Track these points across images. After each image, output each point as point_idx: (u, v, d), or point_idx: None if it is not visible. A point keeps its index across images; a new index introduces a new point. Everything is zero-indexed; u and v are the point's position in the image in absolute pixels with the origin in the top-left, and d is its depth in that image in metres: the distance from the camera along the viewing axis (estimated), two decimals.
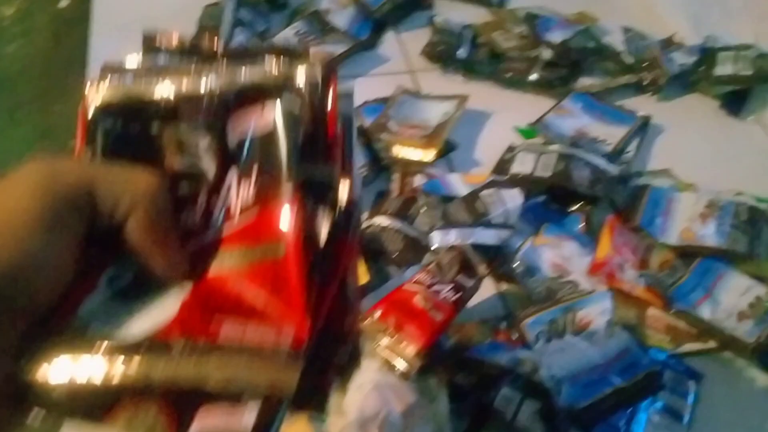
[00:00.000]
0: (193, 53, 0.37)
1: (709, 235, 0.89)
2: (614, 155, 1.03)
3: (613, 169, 0.98)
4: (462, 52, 1.19)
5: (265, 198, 0.34)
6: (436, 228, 0.88)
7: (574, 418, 0.73)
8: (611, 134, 1.07)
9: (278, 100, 0.35)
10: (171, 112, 0.36)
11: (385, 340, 0.75)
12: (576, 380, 0.77)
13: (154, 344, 0.32)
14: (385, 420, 0.70)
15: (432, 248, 0.88)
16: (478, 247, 0.88)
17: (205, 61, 0.37)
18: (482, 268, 0.81)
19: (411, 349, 0.74)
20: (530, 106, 1.14)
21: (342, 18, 1.25)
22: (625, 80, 1.17)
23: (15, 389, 0.32)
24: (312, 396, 0.34)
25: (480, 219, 0.89)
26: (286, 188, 0.33)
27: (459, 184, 0.96)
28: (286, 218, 0.33)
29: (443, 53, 1.19)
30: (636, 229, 0.92)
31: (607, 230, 0.91)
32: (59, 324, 0.33)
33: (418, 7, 1.32)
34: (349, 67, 1.20)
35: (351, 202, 0.35)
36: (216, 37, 0.36)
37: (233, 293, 0.33)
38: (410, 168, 1.00)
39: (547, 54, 1.17)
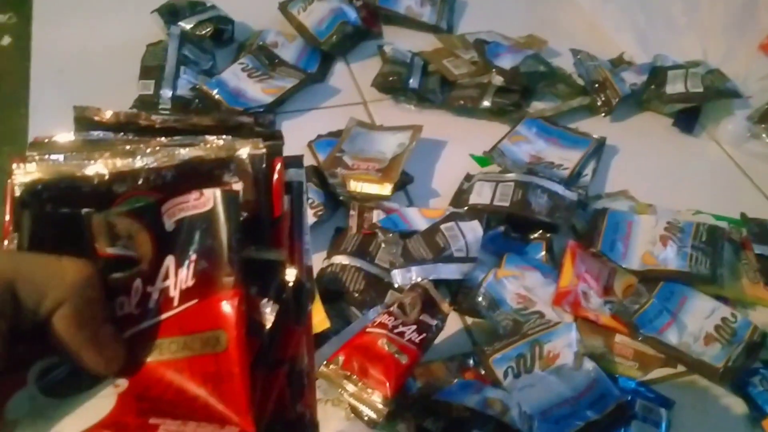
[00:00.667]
0: (129, 128, 0.35)
1: (670, 258, 0.89)
2: (571, 179, 1.02)
3: (571, 195, 0.97)
4: (413, 82, 1.18)
5: (205, 283, 0.31)
6: (396, 265, 0.86)
7: None
8: (567, 158, 1.07)
9: (219, 179, 0.32)
10: (103, 193, 0.33)
11: (350, 387, 0.72)
12: (547, 416, 0.76)
13: None
14: None
15: (394, 286, 0.85)
16: (441, 282, 0.86)
17: (141, 136, 0.34)
18: (446, 306, 0.79)
19: (378, 395, 0.71)
20: (484, 133, 1.13)
21: (289, 51, 1.24)
22: (578, 102, 1.17)
23: None
24: None
25: (441, 253, 0.87)
26: (227, 274, 0.31)
27: (418, 218, 0.95)
28: (227, 307, 0.30)
29: (394, 83, 1.18)
30: (597, 254, 0.91)
31: (568, 257, 0.90)
32: None
33: (366, 36, 1.31)
34: (300, 100, 1.18)
35: (299, 284, 0.33)
36: (151, 114, 0.34)
37: (172, 389, 0.31)
38: (367, 203, 0.98)
39: (498, 80, 1.16)
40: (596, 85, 1.18)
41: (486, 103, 1.15)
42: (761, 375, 0.80)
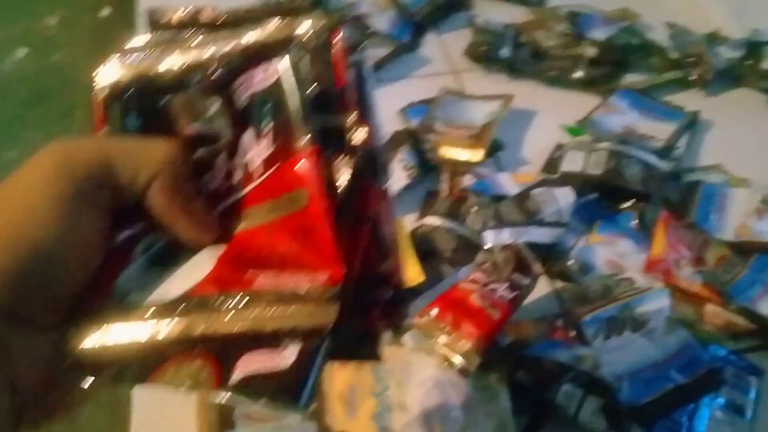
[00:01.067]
0: (196, 25, 0.38)
1: (766, 230, 0.88)
2: (664, 152, 1.02)
3: (665, 166, 0.97)
4: (504, 52, 1.19)
5: (283, 152, 0.34)
6: (488, 227, 0.88)
7: (636, 415, 0.73)
8: (660, 131, 1.06)
9: (282, 55, 0.35)
10: (179, 82, 0.36)
11: (443, 338, 0.75)
12: (637, 377, 0.77)
13: (192, 301, 0.33)
14: (447, 415, 0.70)
15: (485, 247, 0.88)
16: (532, 246, 0.87)
17: (208, 31, 0.37)
18: (537, 267, 0.81)
19: (469, 346, 0.74)
20: (575, 104, 1.14)
21: (382, 21, 1.26)
22: (671, 76, 1.16)
23: (66, 362, 0.33)
24: (361, 342, 0.34)
25: (532, 218, 0.89)
26: (301, 139, 0.34)
27: (509, 184, 0.96)
28: (304, 167, 0.33)
29: (486, 53, 1.19)
30: (690, 225, 0.91)
31: (661, 227, 0.90)
32: (98, 298, 0.34)
33: (458, 8, 1.32)
34: (392, 69, 1.20)
35: (371, 146, 0.35)
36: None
37: (264, 248, 0.34)
38: (458, 168, 1.00)
39: (590, 51, 1.16)
40: (691, 59, 1.16)
41: (578, 74, 1.15)
42: None
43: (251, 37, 0.36)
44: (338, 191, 0.34)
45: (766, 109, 1.15)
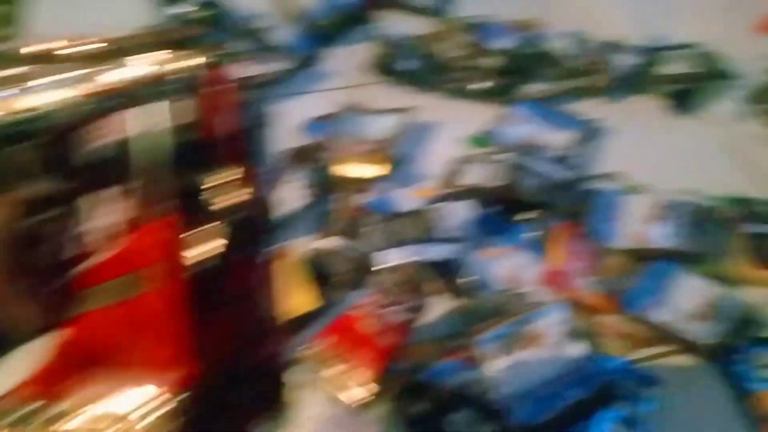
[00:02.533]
0: (49, 60, 0.33)
1: (659, 236, 0.88)
2: (562, 161, 1.02)
3: (562, 176, 0.96)
4: (407, 64, 1.17)
5: (137, 219, 0.30)
6: (381, 247, 0.86)
7: None
8: (560, 140, 1.06)
9: (143, 103, 0.31)
10: (18, 132, 0.32)
11: (332, 370, 0.72)
12: (531, 396, 0.76)
13: (9, 408, 0.29)
14: None
15: (380, 268, 0.86)
16: (429, 264, 0.86)
17: (61, 68, 0.33)
18: (430, 287, 0.79)
19: (360, 378, 0.71)
20: (478, 115, 1.13)
21: (284, 34, 1.23)
22: (572, 85, 1.17)
23: None
24: None
25: (429, 234, 0.87)
26: (159, 204, 0.30)
27: (407, 200, 0.95)
28: (158, 240, 0.29)
29: (388, 66, 1.18)
30: (586, 235, 0.91)
31: (557, 238, 0.89)
32: None
33: (361, 20, 1.30)
34: (294, 83, 1.18)
35: (254, 209, 0.32)
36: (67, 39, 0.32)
37: (106, 337, 0.30)
38: (357, 185, 0.98)
39: (492, 62, 1.16)
40: (591, 68, 1.17)
41: (479, 86, 1.15)
42: (747, 353, 0.80)
43: (107, 79, 0.31)
44: (200, 269, 0.30)
45: (665, 115, 1.16)
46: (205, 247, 0.29)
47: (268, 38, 1.21)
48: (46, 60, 0.34)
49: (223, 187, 0.30)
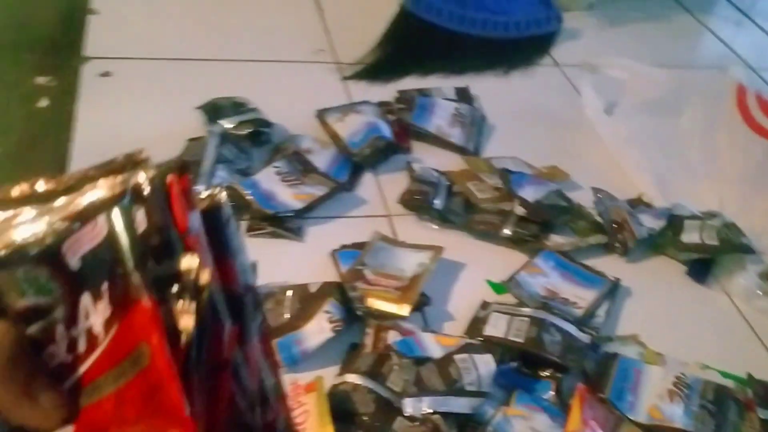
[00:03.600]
0: (22, 200, 0.36)
1: (677, 415, 0.90)
2: (585, 318, 1.05)
3: (584, 337, 0.99)
4: (438, 203, 1.22)
5: (120, 307, 0.33)
6: (409, 393, 0.88)
7: None
8: (581, 296, 1.09)
9: (111, 210, 0.34)
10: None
11: None
12: None
13: None
14: None
15: (404, 414, 0.87)
16: (450, 415, 0.87)
17: (33, 204, 0.35)
18: None
19: None
20: (502, 260, 1.17)
21: (322, 158, 1.28)
22: (595, 240, 1.21)
23: None
24: None
25: (453, 385, 0.89)
26: (136, 288, 0.32)
27: (433, 345, 0.96)
28: (142, 321, 0.32)
29: (419, 202, 1.22)
30: (605, 401, 0.92)
31: (577, 401, 0.91)
32: None
33: (397, 151, 1.35)
34: (328, 208, 1.21)
35: (223, 286, 0.34)
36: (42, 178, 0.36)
37: (114, 421, 0.32)
38: (384, 321, 1.00)
39: (520, 210, 1.20)
40: (614, 225, 1.21)
41: (506, 231, 1.19)
42: None
43: (79, 200, 0.34)
44: (183, 340, 0.32)
45: (684, 279, 1.20)
46: (184, 320, 0.33)
47: (308, 161, 1.25)
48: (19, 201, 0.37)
49: (190, 271, 0.34)
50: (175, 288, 0.32)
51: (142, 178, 0.34)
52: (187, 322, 0.32)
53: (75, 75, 1.49)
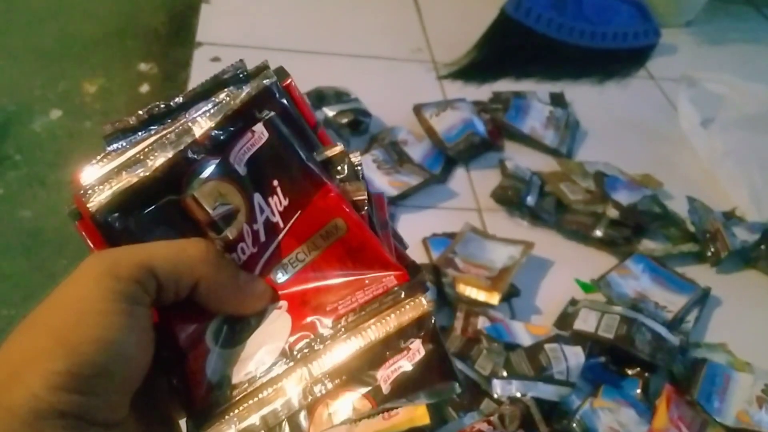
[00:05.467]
0: (154, 120, 0.39)
1: (765, 421, 0.89)
2: (674, 323, 1.04)
3: (674, 339, 0.99)
4: (530, 200, 1.23)
5: (298, 196, 0.37)
6: (498, 375, 0.90)
7: None
8: (671, 301, 1.09)
9: (259, 116, 0.38)
10: (169, 180, 0.38)
11: None
12: None
13: (294, 354, 0.35)
14: None
15: (494, 396, 0.89)
16: (537, 402, 0.89)
17: (171, 120, 0.39)
18: (544, 427, 0.82)
19: None
20: (592, 261, 1.17)
21: (417, 151, 1.31)
22: (687, 248, 1.20)
23: None
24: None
25: (542, 373, 0.90)
26: (313, 177, 0.37)
27: (522, 333, 0.98)
28: (329, 200, 0.36)
29: (511, 197, 1.24)
30: (692, 403, 0.92)
31: (664, 400, 0.91)
32: (197, 396, 0.37)
33: (490, 148, 1.38)
34: (420, 198, 1.24)
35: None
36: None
37: (323, 284, 0.37)
38: (474, 307, 1.02)
39: (613, 213, 1.21)
40: (708, 235, 1.20)
41: (598, 233, 1.19)
42: None
43: (217, 111, 0.38)
44: (363, 210, 0.37)
45: None
46: (356, 194, 0.38)
47: (403, 151, 1.29)
48: (152, 120, 0.41)
49: (338, 156, 0.39)
50: (339, 169, 0.38)
51: (264, 86, 0.39)
52: (361, 196, 0.37)
53: (177, 62, 1.56)
